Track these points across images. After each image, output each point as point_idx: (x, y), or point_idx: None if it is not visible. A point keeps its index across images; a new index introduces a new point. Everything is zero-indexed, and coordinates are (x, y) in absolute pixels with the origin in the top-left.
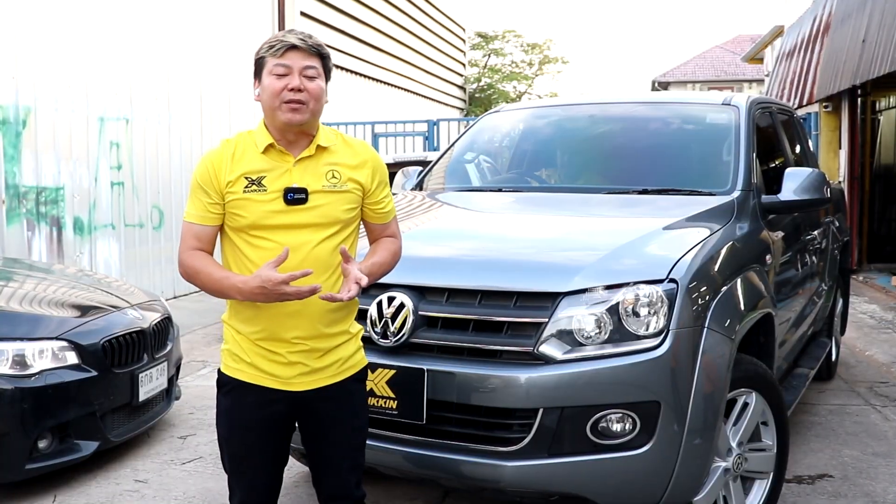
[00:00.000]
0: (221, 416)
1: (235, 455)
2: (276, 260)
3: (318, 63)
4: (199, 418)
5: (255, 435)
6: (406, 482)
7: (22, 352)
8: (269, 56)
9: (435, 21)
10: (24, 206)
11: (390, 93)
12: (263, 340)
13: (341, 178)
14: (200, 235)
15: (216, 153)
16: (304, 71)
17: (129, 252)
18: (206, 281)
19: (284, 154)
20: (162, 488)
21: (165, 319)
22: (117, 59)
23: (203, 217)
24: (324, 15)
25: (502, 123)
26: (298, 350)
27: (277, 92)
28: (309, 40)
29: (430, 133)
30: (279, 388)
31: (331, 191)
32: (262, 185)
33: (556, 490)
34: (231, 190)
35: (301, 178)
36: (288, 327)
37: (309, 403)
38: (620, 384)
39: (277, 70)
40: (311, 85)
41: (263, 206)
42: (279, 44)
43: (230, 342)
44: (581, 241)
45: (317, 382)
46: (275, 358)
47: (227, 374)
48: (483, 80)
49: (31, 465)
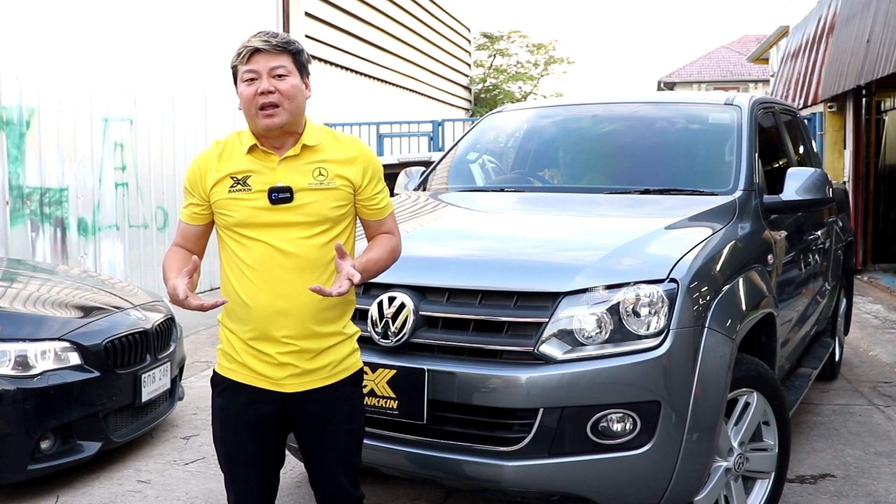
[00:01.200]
0: (215, 416)
1: (229, 455)
2: (188, 270)
3: (287, 61)
4: (202, 419)
5: (247, 435)
6: (408, 482)
7: (25, 352)
8: (238, 64)
9: (440, 21)
10: (27, 207)
11: (395, 93)
12: (254, 340)
13: (328, 175)
14: (185, 233)
15: (204, 155)
16: (273, 72)
17: (133, 253)
18: (164, 277)
19: (269, 154)
20: (165, 489)
21: (168, 320)
22: (121, 59)
23: (188, 216)
24: (328, 16)
25: (505, 123)
26: (289, 351)
27: (250, 99)
28: (273, 40)
29: (435, 133)
30: (270, 389)
31: (317, 188)
32: (246, 184)
33: (557, 490)
34: (217, 190)
35: (286, 177)
36: (278, 326)
37: (301, 405)
38: (621, 384)
39: (246, 76)
40: (282, 85)
41: (249, 205)
42: (244, 49)
43: (224, 342)
44: (582, 240)
45: (308, 384)
46: (265, 359)
47: (221, 373)
48: (488, 81)
49: (33, 466)
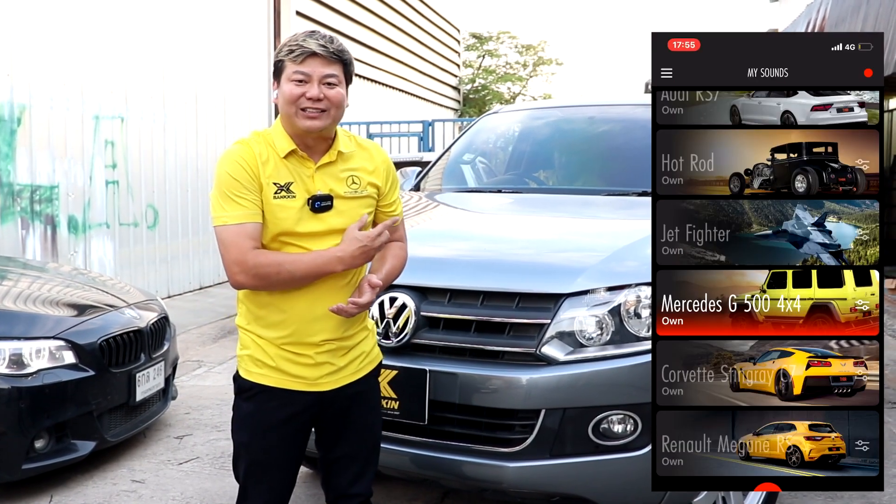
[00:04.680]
0: (242, 422)
1: (257, 460)
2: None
3: (339, 70)
4: (195, 418)
5: (277, 438)
6: (405, 482)
7: (19, 351)
8: (288, 61)
9: (430, 21)
10: (18, 205)
11: (385, 93)
12: (291, 344)
13: (361, 183)
14: (254, 234)
15: (242, 151)
16: (325, 79)
17: (123, 251)
18: (295, 268)
19: (305, 160)
20: (159, 488)
21: (162, 319)
22: (113, 57)
23: (254, 213)
24: (319, 15)
25: (501, 124)
26: (326, 350)
27: (294, 99)
28: (330, 46)
29: (424, 134)
30: (305, 390)
31: (353, 197)
32: (290, 191)
33: (558, 491)
34: (264, 194)
35: (324, 184)
36: (316, 329)
37: (333, 402)
38: (622, 385)
39: (296, 77)
40: (331, 93)
41: (293, 212)
42: (299, 49)
43: (251, 347)
44: (583, 242)
45: (342, 380)
46: (301, 360)
47: (250, 379)
48: (477, 81)
49: (27, 466)
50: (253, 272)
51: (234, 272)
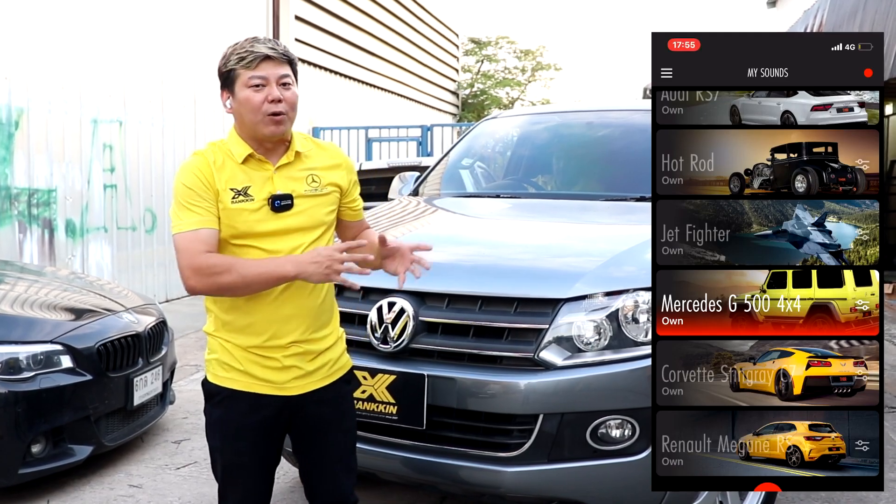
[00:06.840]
0: (213, 427)
1: (229, 463)
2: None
3: (289, 70)
4: (192, 423)
5: (248, 442)
6: (402, 487)
7: (16, 355)
8: (240, 68)
9: (429, 26)
10: (15, 208)
11: (384, 97)
12: (259, 347)
13: (321, 182)
14: (208, 239)
15: (198, 162)
16: (280, 80)
17: (121, 255)
18: (246, 271)
19: (263, 162)
20: (156, 493)
21: (160, 323)
22: (111, 61)
23: (209, 220)
24: (318, 19)
25: (499, 129)
26: (293, 353)
27: (258, 105)
28: (279, 47)
29: (423, 138)
30: (273, 394)
31: (313, 195)
32: (248, 194)
33: (556, 496)
34: (219, 200)
35: (283, 184)
36: (285, 331)
37: (302, 407)
38: (620, 390)
39: (253, 82)
40: (287, 94)
41: (252, 215)
42: (250, 55)
43: (218, 351)
44: (580, 247)
45: (309, 386)
46: (269, 363)
47: (217, 383)
48: (476, 86)
49: (24, 470)
50: (205, 272)
51: (187, 276)
